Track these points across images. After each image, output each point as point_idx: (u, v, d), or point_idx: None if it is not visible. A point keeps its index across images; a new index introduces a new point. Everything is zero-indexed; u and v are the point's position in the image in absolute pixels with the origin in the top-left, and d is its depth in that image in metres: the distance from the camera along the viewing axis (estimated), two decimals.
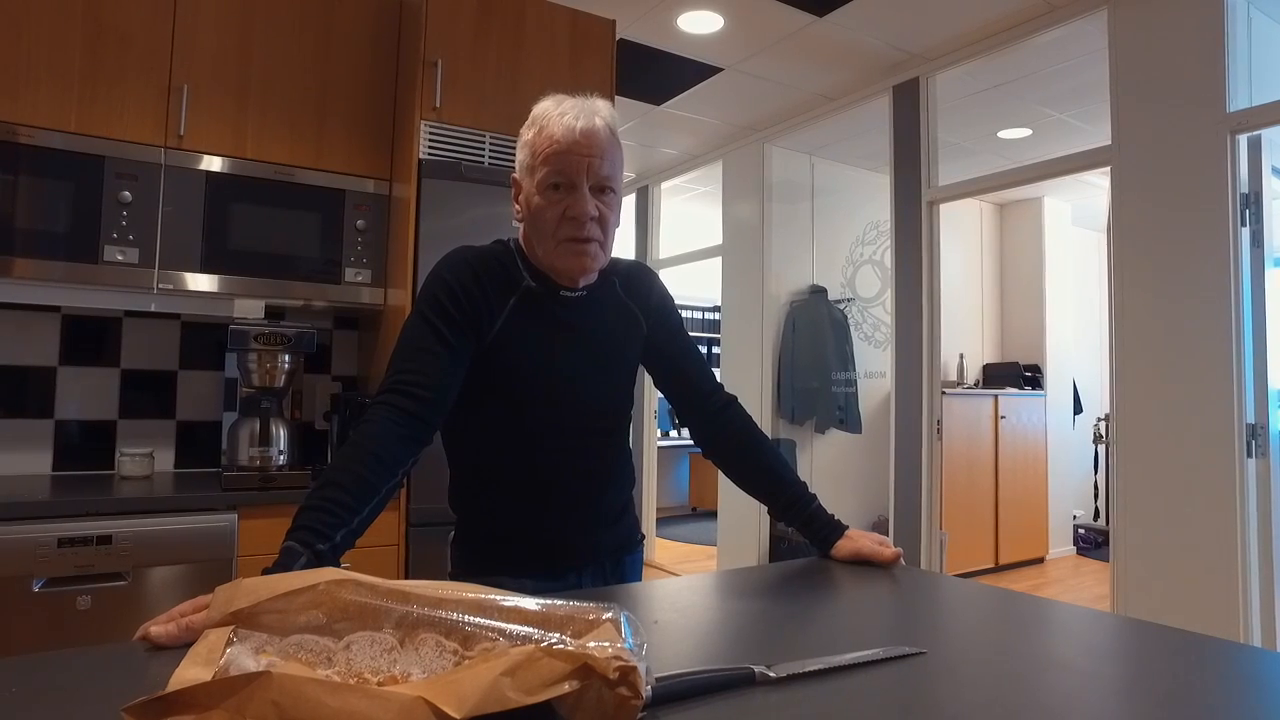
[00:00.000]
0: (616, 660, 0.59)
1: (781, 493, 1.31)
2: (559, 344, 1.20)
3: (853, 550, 1.25)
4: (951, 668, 0.77)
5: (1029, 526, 5.50)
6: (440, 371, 1.10)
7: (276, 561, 0.92)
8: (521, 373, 1.17)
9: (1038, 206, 5.92)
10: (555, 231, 1.14)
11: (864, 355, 5.16)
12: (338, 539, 0.96)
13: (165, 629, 0.77)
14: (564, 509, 1.23)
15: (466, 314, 1.14)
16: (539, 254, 1.19)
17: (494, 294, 1.17)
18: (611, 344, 1.26)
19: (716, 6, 3.11)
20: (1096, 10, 2.92)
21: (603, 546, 1.28)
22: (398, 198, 2.42)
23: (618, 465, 1.30)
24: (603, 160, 1.14)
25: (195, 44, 2.24)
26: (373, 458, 1.02)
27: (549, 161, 1.12)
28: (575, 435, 1.22)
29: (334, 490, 0.98)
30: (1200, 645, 0.85)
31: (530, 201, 1.16)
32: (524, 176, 1.19)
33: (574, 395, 1.21)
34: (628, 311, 1.30)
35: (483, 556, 1.23)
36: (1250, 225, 2.57)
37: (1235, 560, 2.47)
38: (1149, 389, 2.73)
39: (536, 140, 1.15)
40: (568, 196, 1.13)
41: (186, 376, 2.51)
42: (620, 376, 1.28)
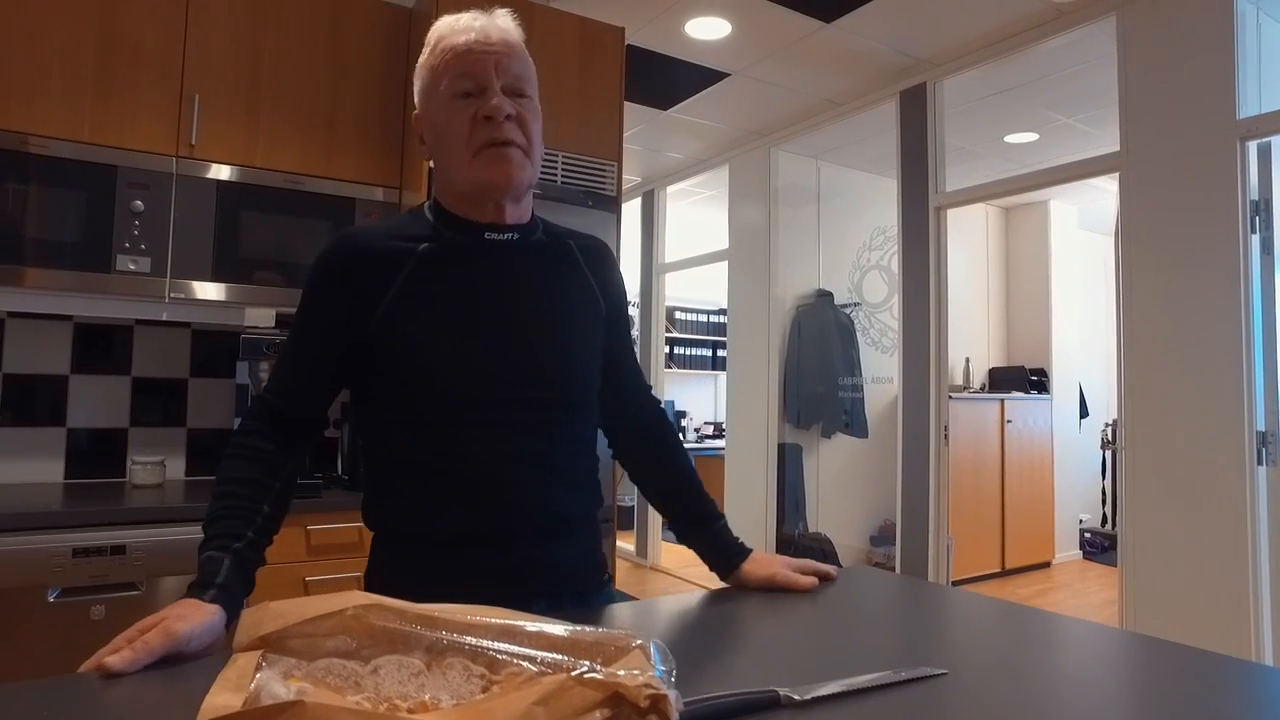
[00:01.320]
0: (647, 688, 0.59)
1: (689, 504, 1.21)
2: (478, 298, 1.03)
3: (766, 576, 1.13)
4: (975, 689, 0.77)
5: (1035, 531, 5.49)
6: (301, 378, 1.05)
7: (198, 575, 0.90)
8: (427, 341, 1.00)
9: (1044, 210, 5.92)
10: (469, 140, 1.00)
11: (871, 360, 5.16)
12: (250, 534, 0.95)
13: (121, 656, 0.75)
14: (500, 507, 1.01)
15: (333, 299, 1.02)
16: (455, 180, 1.04)
17: (377, 267, 1.02)
18: (556, 300, 1.09)
19: (724, 13, 3.12)
20: (1105, 16, 2.92)
21: (558, 569, 1.05)
22: (408, 205, 2.43)
23: (574, 457, 1.09)
24: (511, 59, 1.02)
25: (206, 54, 2.25)
26: (252, 460, 1.00)
27: (451, 67, 1.01)
28: (508, 407, 1.02)
29: (224, 500, 0.97)
30: (1222, 666, 0.85)
31: (437, 122, 1.03)
32: (425, 99, 1.06)
33: (502, 362, 1.02)
34: (585, 282, 1.14)
35: (398, 580, 0.97)
36: (1260, 232, 2.57)
37: (1246, 568, 2.47)
38: (1158, 395, 2.73)
39: (433, 56, 1.04)
40: (478, 100, 1.00)
41: (197, 385, 2.52)
42: (570, 340, 1.09)
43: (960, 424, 4.96)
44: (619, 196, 2.59)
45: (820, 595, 1.15)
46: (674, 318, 7.39)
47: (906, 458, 3.74)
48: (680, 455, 1.24)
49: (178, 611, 0.83)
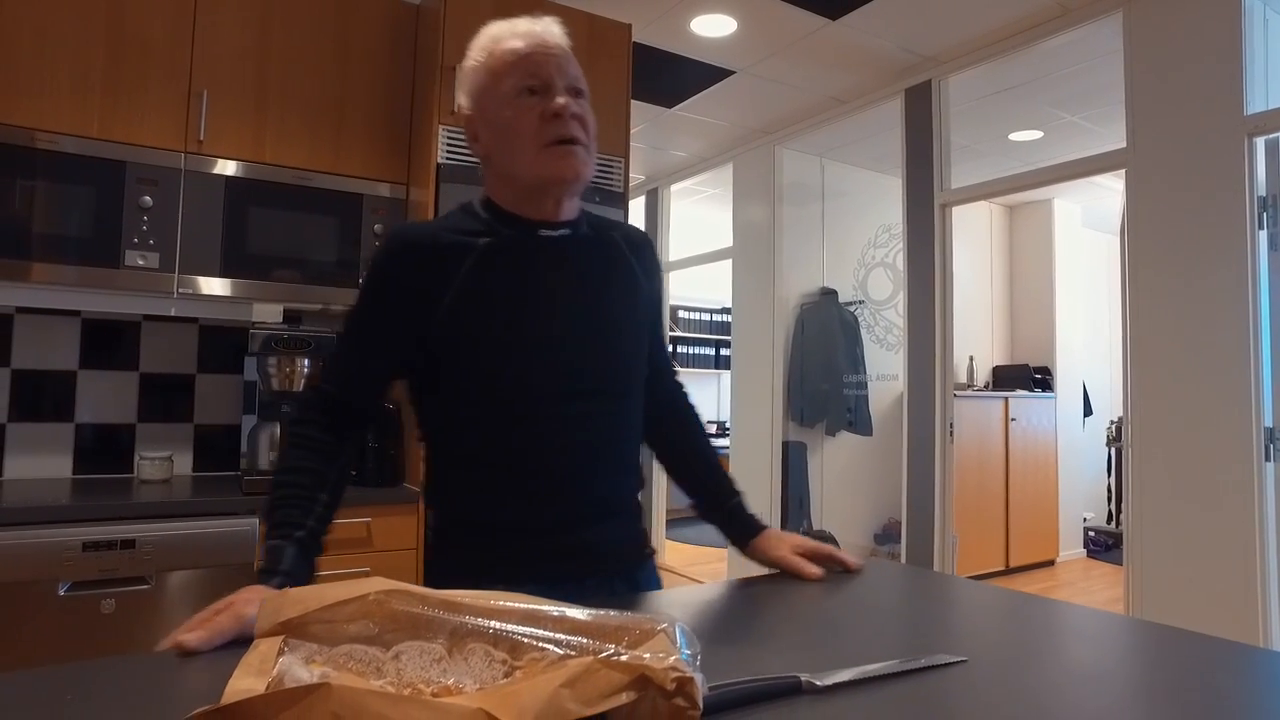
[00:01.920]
0: (673, 671, 0.59)
1: (708, 482, 1.27)
2: (537, 292, 1.07)
3: (775, 557, 1.17)
4: (995, 676, 0.77)
5: (1039, 529, 5.49)
6: (360, 370, 1.09)
7: (264, 562, 0.95)
8: (490, 331, 1.04)
9: (1048, 208, 5.92)
10: (536, 136, 1.03)
11: (876, 358, 5.16)
12: (311, 523, 0.99)
13: (196, 635, 0.78)
14: (554, 491, 1.06)
15: (394, 292, 1.05)
16: (518, 174, 1.06)
17: (438, 261, 1.05)
18: (608, 291, 1.13)
19: (729, 10, 3.12)
20: (1111, 12, 2.92)
21: (605, 548, 1.11)
22: (415, 201, 2.43)
23: (621, 444, 1.14)
24: (569, 61, 1.07)
25: (214, 50, 2.25)
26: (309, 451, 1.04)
27: (516, 67, 1.04)
28: (564, 399, 1.06)
29: (284, 489, 1.01)
30: (1243, 654, 0.85)
31: (499, 120, 1.05)
32: (482, 99, 1.07)
33: (558, 346, 1.06)
34: (629, 267, 1.18)
35: (466, 562, 1.06)
36: (1268, 228, 2.57)
37: (1254, 565, 2.46)
38: (1164, 392, 2.73)
39: (492, 58, 1.06)
40: (543, 99, 1.04)
41: (205, 380, 2.52)
42: (620, 332, 1.13)
43: (964, 422, 4.96)
44: (626, 193, 2.59)
45: (838, 586, 1.15)
46: (677, 317, 7.39)
47: (912, 455, 3.73)
48: (702, 435, 1.30)
49: (246, 596, 0.85)
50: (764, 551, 1.18)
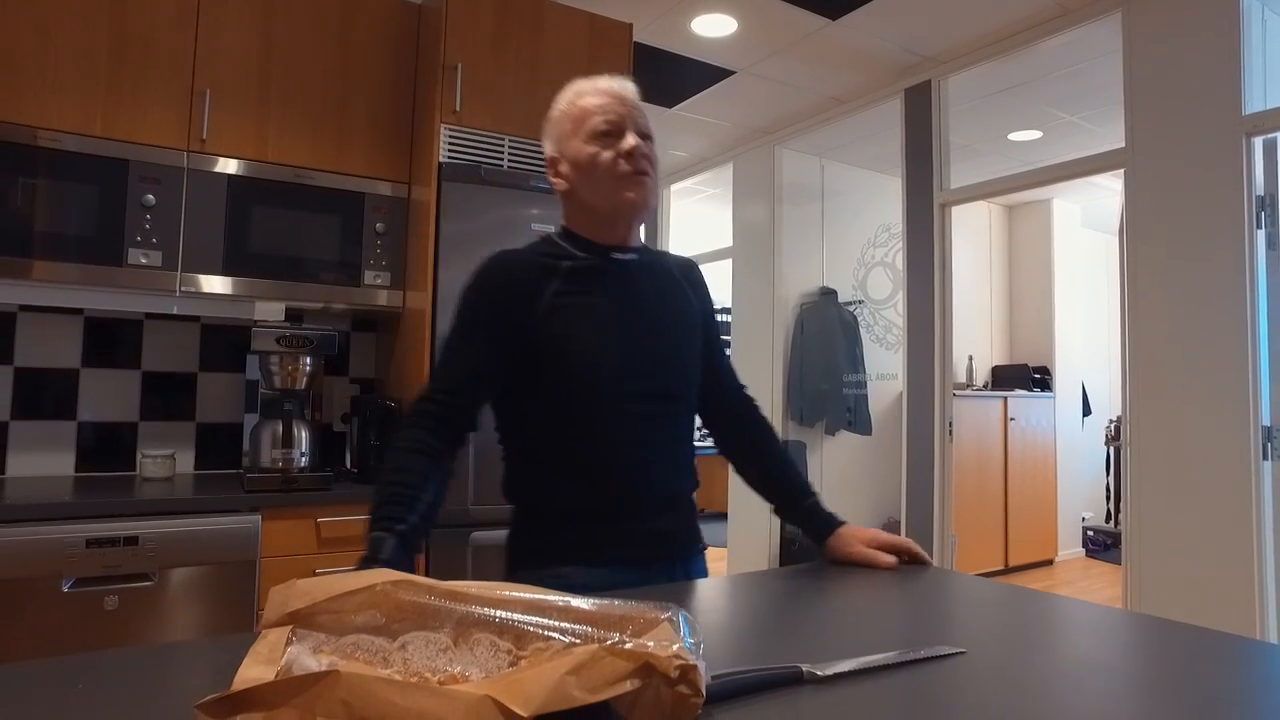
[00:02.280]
0: (677, 659, 0.60)
1: (786, 485, 1.37)
2: (615, 310, 1.23)
3: (848, 553, 1.26)
4: (993, 668, 0.78)
5: (1038, 528, 5.50)
6: (469, 376, 1.19)
7: (366, 552, 1.01)
8: (576, 344, 1.19)
9: (1047, 208, 5.93)
10: (612, 169, 1.20)
11: (875, 357, 5.17)
12: (414, 519, 1.06)
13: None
14: (630, 487, 1.22)
15: (498, 312, 1.19)
16: (596, 202, 1.23)
17: (529, 284, 1.20)
18: (671, 309, 1.30)
19: (730, 10, 3.12)
20: (1110, 13, 2.93)
21: (667, 536, 1.25)
22: (417, 200, 2.44)
23: (681, 444, 1.29)
24: (640, 112, 1.25)
25: (217, 49, 2.26)
26: (415, 452, 1.13)
27: (595, 113, 1.22)
28: (637, 400, 1.22)
29: (394, 486, 1.08)
30: (1239, 647, 0.86)
31: (580, 158, 1.22)
32: (564, 143, 1.25)
33: (634, 360, 1.22)
34: (682, 289, 1.35)
35: (547, 546, 1.21)
36: (1266, 228, 2.58)
37: (1251, 563, 2.47)
38: (1163, 391, 2.74)
39: (573, 107, 1.25)
40: (618, 139, 1.21)
41: (206, 379, 2.53)
42: (684, 342, 1.30)
43: (964, 422, 4.97)
44: None
45: (840, 580, 1.16)
46: None
47: (911, 455, 3.74)
48: (774, 442, 1.42)
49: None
50: (839, 549, 1.27)
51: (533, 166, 2.44)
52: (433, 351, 2.24)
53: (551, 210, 2.43)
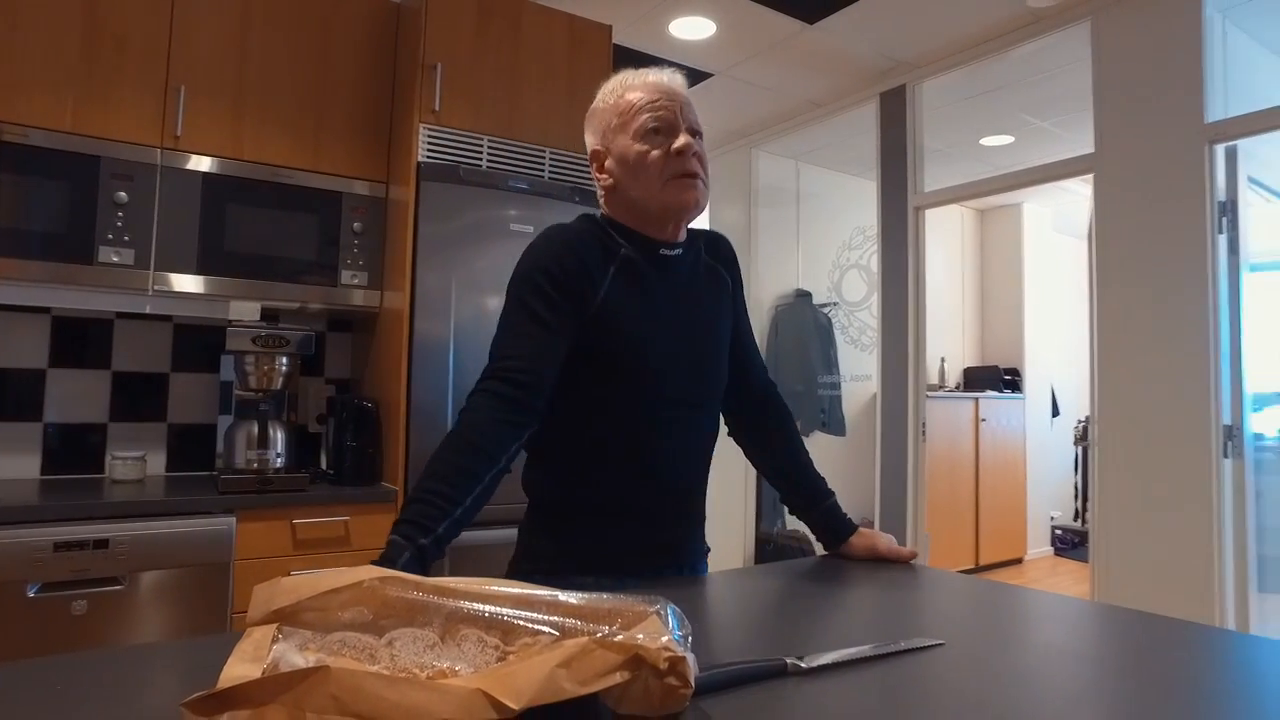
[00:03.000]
0: (666, 651, 0.61)
1: (804, 484, 1.34)
2: (663, 307, 1.19)
3: (868, 547, 1.29)
4: (970, 658, 0.79)
5: (1008, 527, 5.59)
6: (538, 353, 1.10)
7: (382, 555, 0.95)
8: (628, 340, 1.15)
9: (1018, 212, 6.03)
10: (662, 171, 1.15)
11: (850, 358, 5.22)
12: (440, 530, 0.98)
13: None
14: (654, 489, 1.19)
15: (564, 289, 1.12)
16: (645, 201, 1.17)
17: (593, 264, 1.15)
18: (710, 305, 1.27)
19: (709, 12, 3.15)
20: (1080, 21, 2.99)
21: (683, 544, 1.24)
22: (395, 200, 2.43)
23: (709, 447, 1.27)
24: (690, 107, 1.19)
25: (192, 45, 2.23)
26: (471, 447, 1.03)
27: (644, 110, 1.16)
28: (675, 408, 1.19)
29: (435, 482, 1.00)
30: (1199, 633, 0.89)
31: (628, 155, 1.17)
32: (612, 137, 1.19)
33: (681, 360, 1.19)
34: (716, 273, 1.31)
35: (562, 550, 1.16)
36: (1227, 232, 2.65)
37: (1211, 558, 2.54)
38: (1129, 392, 2.80)
39: (621, 101, 1.19)
40: (669, 137, 1.15)
41: (179, 379, 2.49)
42: (720, 342, 1.27)
43: (936, 422, 5.03)
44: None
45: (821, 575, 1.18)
46: None
47: (885, 455, 3.79)
48: (796, 437, 1.38)
49: None
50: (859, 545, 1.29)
51: (512, 167, 2.44)
52: (411, 352, 2.23)
53: (531, 211, 2.43)
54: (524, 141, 2.47)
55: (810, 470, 1.35)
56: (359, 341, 2.72)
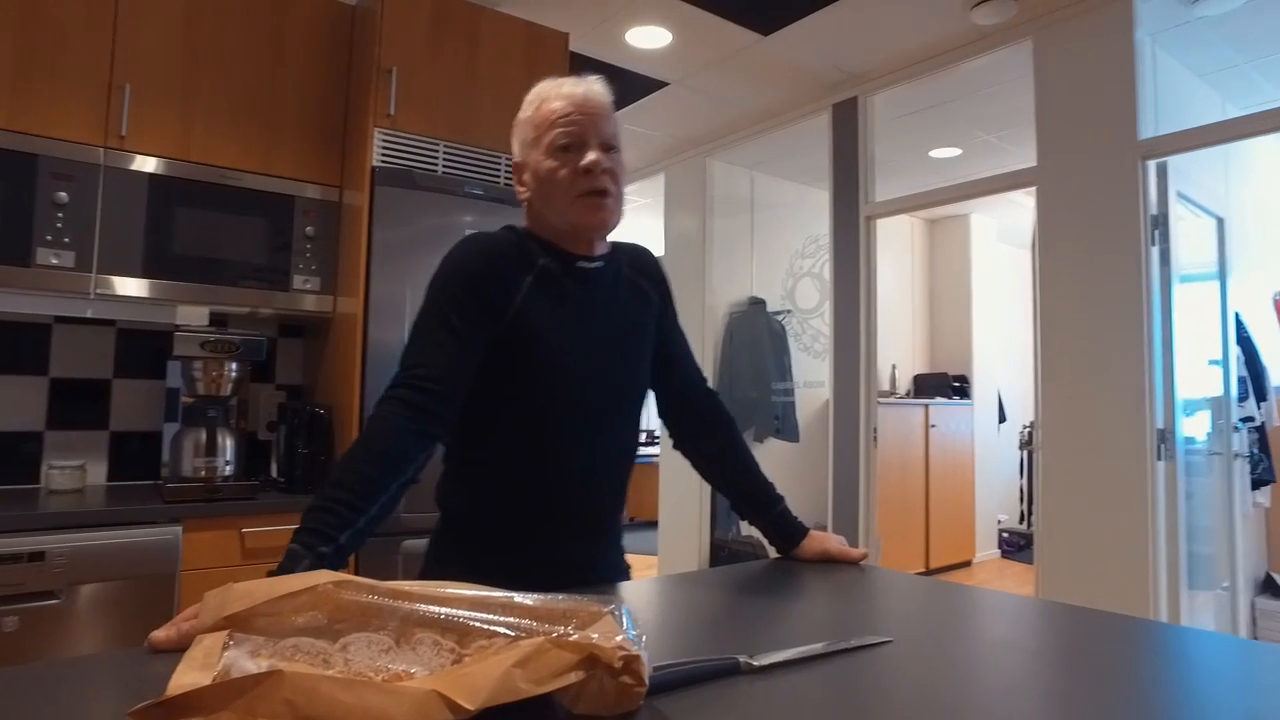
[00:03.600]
0: (621, 650, 0.62)
1: (753, 491, 1.34)
2: (579, 320, 1.18)
3: (820, 550, 1.31)
4: (917, 653, 0.82)
5: (957, 531, 5.72)
6: (450, 362, 1.08)
7: (280, 565, 0.92)
8: (544, 350, 1.14)
9: (965, 223, 6.19)
10: (570, 188, 1.14)
11: (803, 365, 5.29)
12: (342, 540, 0.95)
13: (167, 633, 0.77)
14: (568, 501, 1.17)
15: (479, 298, 1.11)
16: (554, 219, 1.17)
17: (509, 273, 1.14)
18: (628, 319, 1.25)
19: (665, 23, 3.18)
20: (1022, 40, 3.10)
21: (596, 564, 1.22)
22: (349, 205, 2.40)
23: (625, 463, 1.25)
24: (605, 120, 1.17)
25: (138, 43, 2.18)
26: (379, 456, 1.01)
27: (556, 125, 1.15)
28: (590, 420, 1.18)
29: (339, 490, 0.97)
30: (1126, 625, 0.93)
31: (540, 170, 1.16)
32: (528, 151, 1.19)
33: (597, 372, 1.18)
34: (638, 288, 1.29)
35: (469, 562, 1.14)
36: (1159, 245, 2.76)
37: (1146, 555, 2.64)
38: (1070, 398, 2.90)
39: (538, 114, 1.18)
40: (578, 154, 1.14)
41: (122, 385, 2.42)
42: (640, 356, 1.26)
43: (887, 428, 5.13)
44: None
45: (773, 577, 1.20)
46: None
47: (837, 461, 3.85)
48: (741, 445, 1.38)
49: None
50: (810, 549, 1.31)
51: (467, 172, 2.43)
52: (365, 358, 2.21)
53: (486, 217, 2.43)
54: (480, 147, 2.47)
55: (758, 477, 1.35)
56: (311, 347, 2.68)
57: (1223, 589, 3.32)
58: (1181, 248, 2.86)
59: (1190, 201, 3.10)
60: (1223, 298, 3.33)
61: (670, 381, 1.36)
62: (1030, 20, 3.04)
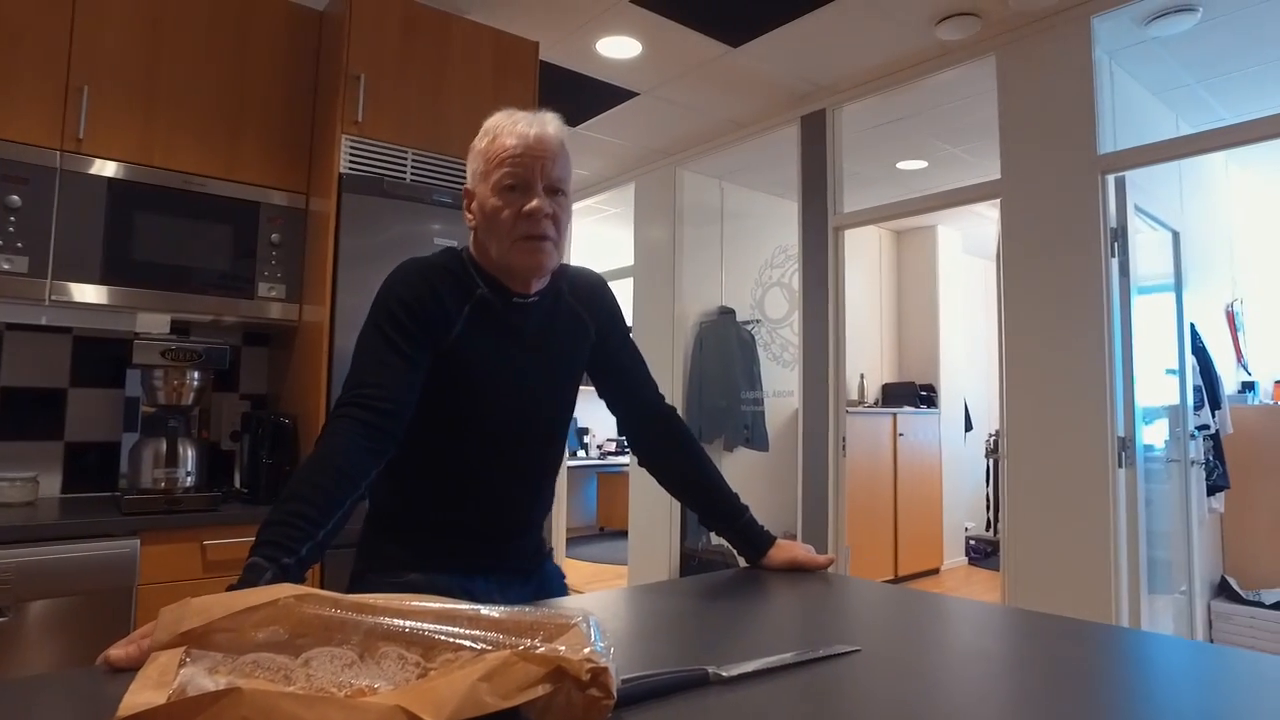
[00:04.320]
0: (588, 663, 0.61)
1: (719, 502, 1.36)
2: (512, 352, 1.23)
3: (787, 559, 1.32)
4: (886, 662, 0.82)
5: (925, 538, 5.78)
6: (399, 383, 1.11)
7: (241, 578, 0.90)
8: (476, 380, 1.19)
9: (932, 234, 6.29)
10: (511, 230, 1.16)
11: (772, 375, 5.32)
12: (303, 553, 0.95)
13: (125, 651, 0.75)
14: (497, 509, 1.25)
15: (421, 323, 1.14)
16: (494, 256, 1.19)
17: (450, 301, 1.18)
18: (561, 352, 1.29)
19: (635, 33, 3.19)
20: (985, 56, 3.16)
21: (514, 553, 1.29)
22: (315, 212, 2.37)
23: (548, 478, 1.32)
24: (554, 163, 1.18)
25: (97, 44, 2.13)
26: (335, 471, 1.02)
27: (504, 164, 1.16)
28: (515, 448, 1.24)
29: (298, 504, 0.98)
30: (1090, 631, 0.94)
31: (485, 205, 1.18)
32: (477, 184, 1.20)
33: (525, 403, 1.23)
34: (576, 317, 1.32)
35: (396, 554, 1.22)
36: (1118, 256, 2.83)
37: (1108, 559, 2.69)
38: (1034, 406, 2.95)
39: (490, 148, 1.18)
40: (523, 196, 1.15)
41: (78, 395, 2.36)
42: (568, 386, 1.31)
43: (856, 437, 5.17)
44: None
45: (742, 587, 1.20)
46: None
47: (806, 470, 3.87)
48: (701, 456, 1.40)
49: None
50: (777, 558, 1.33)
51: (437, 181, 2.42)
52: (331, 367, 2.17)
53: (454, 226, 2.41)
54: (449, 155, 2.45)
55: (723, 488, 1.37)
56: (277, 356, 2.64)
57: (1180, 593, 3.39)
58: (1139, 260, 2.94)
59: (1147, 215, 3.18)
60: (1179, 309, 3.41)
61: (627, 402, 1.41)
62: (993, 36, 3.10)
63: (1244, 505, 3.90)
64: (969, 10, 2.94)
